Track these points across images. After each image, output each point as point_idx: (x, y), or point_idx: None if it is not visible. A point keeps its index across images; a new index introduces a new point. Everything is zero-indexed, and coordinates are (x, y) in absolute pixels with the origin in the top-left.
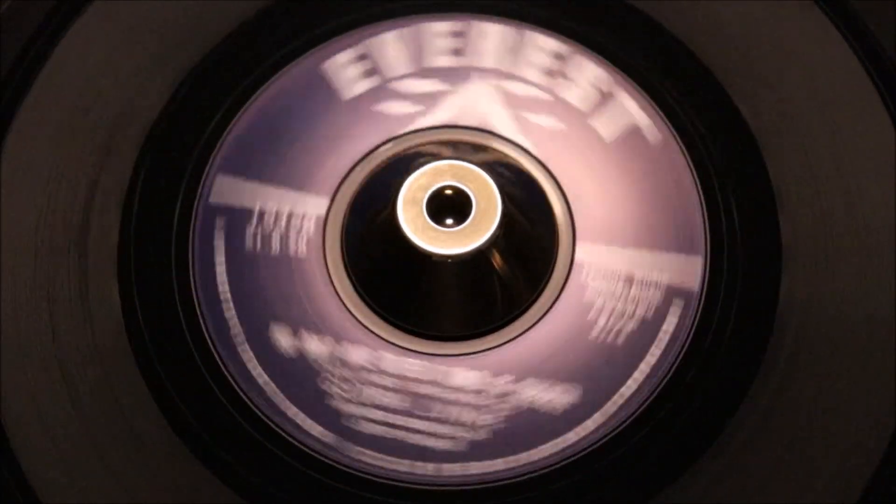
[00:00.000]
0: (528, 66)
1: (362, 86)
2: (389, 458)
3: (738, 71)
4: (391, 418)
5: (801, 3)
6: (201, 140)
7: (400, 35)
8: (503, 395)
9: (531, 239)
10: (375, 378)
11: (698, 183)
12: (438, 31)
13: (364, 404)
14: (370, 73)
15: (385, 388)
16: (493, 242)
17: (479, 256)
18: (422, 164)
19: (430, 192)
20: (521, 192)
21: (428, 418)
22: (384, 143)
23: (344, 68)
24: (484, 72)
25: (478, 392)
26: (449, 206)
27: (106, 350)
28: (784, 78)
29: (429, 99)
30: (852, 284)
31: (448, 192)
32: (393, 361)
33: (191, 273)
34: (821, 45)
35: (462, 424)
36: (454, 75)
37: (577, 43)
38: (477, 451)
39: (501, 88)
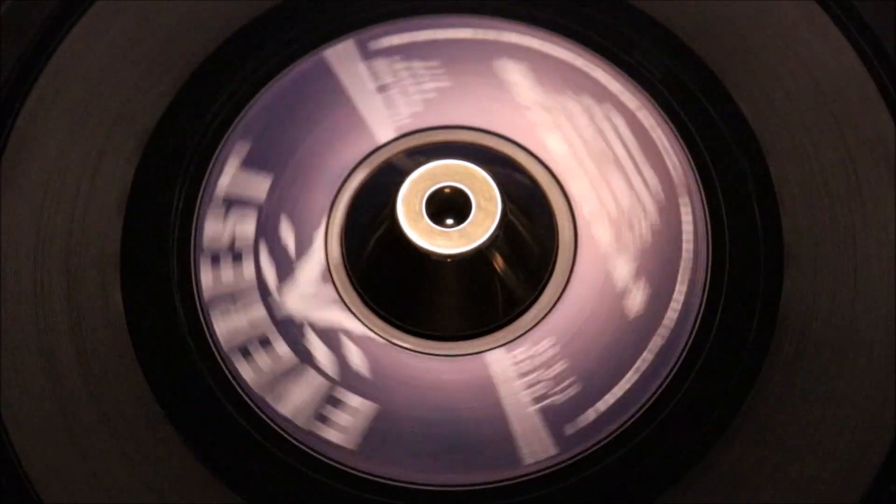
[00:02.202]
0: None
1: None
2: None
3: (738, 70)
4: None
5: (801, 3)
6: (201, 140)
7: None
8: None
9: (531, 237)
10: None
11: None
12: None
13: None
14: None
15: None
16: (493, 242)
17: (479, 256)
18: (422, 164)
19: (429, 191)
20: (521, 192)
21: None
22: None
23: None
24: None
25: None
26: (449, 206)
27: (106, 350)
28: (784, 77)
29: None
30: (853, 284)
31: (448, 191)
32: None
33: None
34: (822, 45)
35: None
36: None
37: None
38: None
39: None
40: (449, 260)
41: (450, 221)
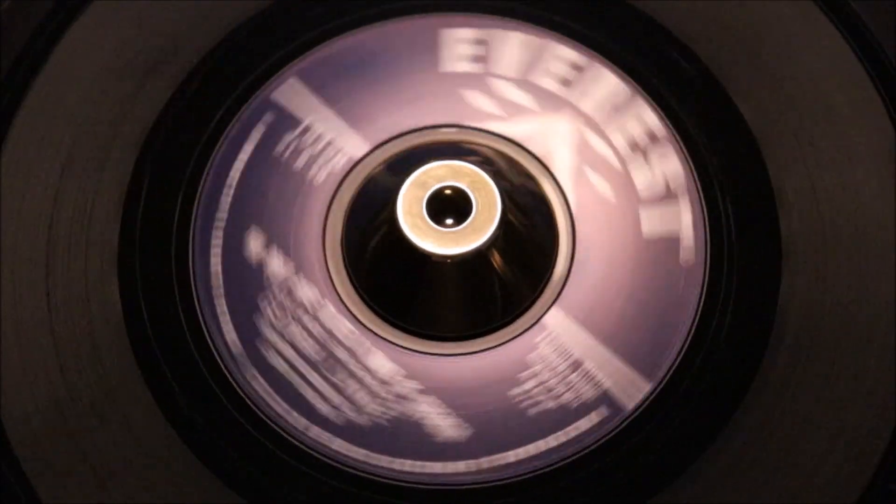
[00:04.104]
0: (620, 131)
1: (464, 67)
2: (276, 396)
3: (738, 70)
4: (298, 362)
5: (800, 3)
6: (201, 140)
7: (526, 41)
8: (400, 398)
9: (531, 237)
10: (307, 321)
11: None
12: (561, 56)
13: (283, 337)
14: (478, 59)
15: (310, 333)
16: (493, 242)
17: (478, 256)
18: (422, 164)
19: (430, 192)
20: (521, 192)
21: (327, 379)
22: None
23: (458, 44)
24: (579, 115)
25: (383, 382)
26: (449, 206)
27: (106, 349)
28: (784, 77)
29: (513, 109)
30: (852, 284)
31: (448, 192)
32: (331, 315)
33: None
34: (820, 45)
35: (351, 402)
36: (551, 102)
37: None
38: (348, 431)
39: (583, 137)
40: (449, 260)
41: (450, 221)
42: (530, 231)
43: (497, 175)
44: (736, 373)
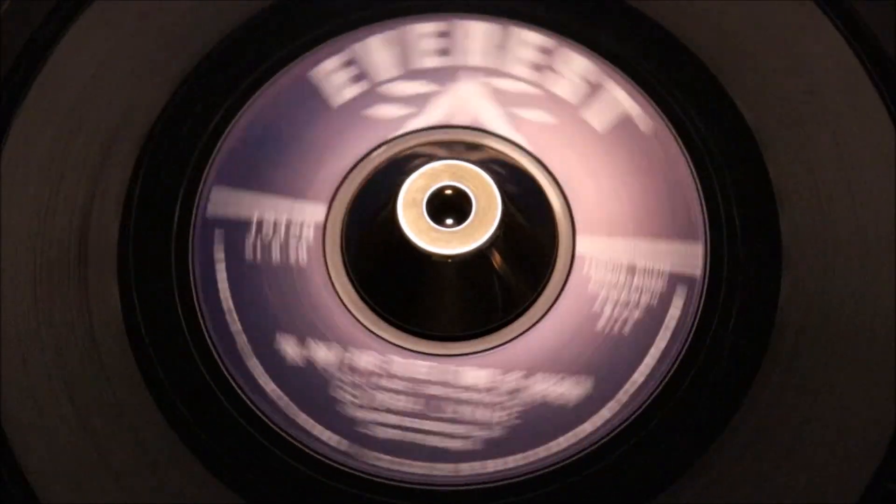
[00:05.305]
0: (516, 61)
1: (351, 91)
2: (406, 461)
3: (738, 70)
4: (405, 421)
5: (800, 2)
6: (200, 141)
7: (385, 38)
8: (514, 392)
9: (531, 237)
10: (386, 382)
11: (698, 182)
12: (423, 32)
13: (377, 409)
14: (358, 78)
15: (396, 391)
16: (493, 242)
17: (479, 256)
18: (421, 165)
19: (429, 192)
20: (520, 191)
21: (441, 419)
22: (377, 147)
23: (331, 75)
24: (471, 70)
25: (489, 390)
26: (449, 206)
27: (106, 352)
28: (784, 77)
29: (419, 100)
30: (852, 283)
31: (448, 192)
32: (402, 365)
33: (191, 275)
34: (820, 44)
35: (476, 423)
36: (442, 75)
37: (568, 38)
38: (493, 448)
39: (490, 85)
40: (449, 260)
41: (450, 221)
42: (530, 229)
43: (495, 174)
44: (737, 374)
